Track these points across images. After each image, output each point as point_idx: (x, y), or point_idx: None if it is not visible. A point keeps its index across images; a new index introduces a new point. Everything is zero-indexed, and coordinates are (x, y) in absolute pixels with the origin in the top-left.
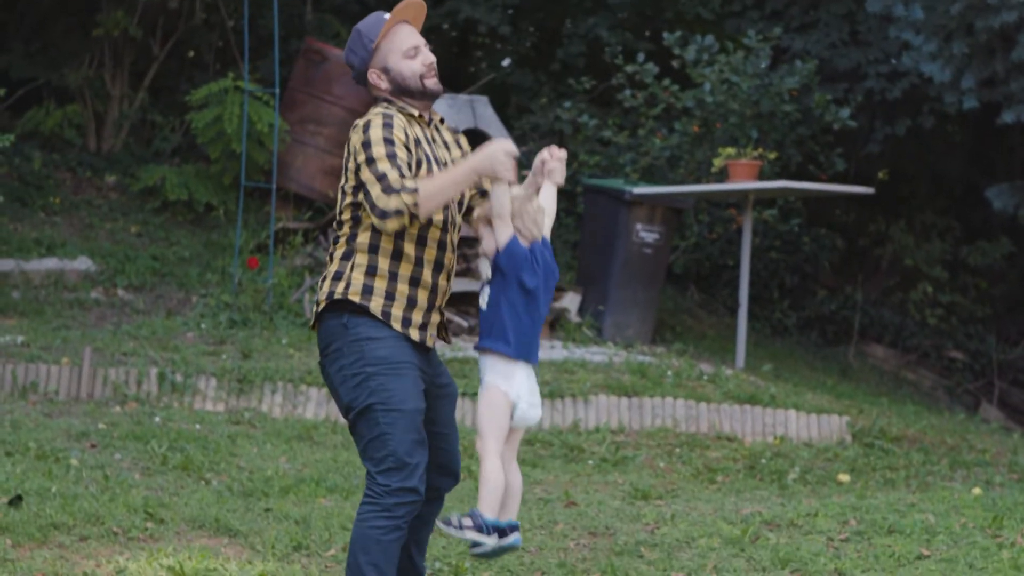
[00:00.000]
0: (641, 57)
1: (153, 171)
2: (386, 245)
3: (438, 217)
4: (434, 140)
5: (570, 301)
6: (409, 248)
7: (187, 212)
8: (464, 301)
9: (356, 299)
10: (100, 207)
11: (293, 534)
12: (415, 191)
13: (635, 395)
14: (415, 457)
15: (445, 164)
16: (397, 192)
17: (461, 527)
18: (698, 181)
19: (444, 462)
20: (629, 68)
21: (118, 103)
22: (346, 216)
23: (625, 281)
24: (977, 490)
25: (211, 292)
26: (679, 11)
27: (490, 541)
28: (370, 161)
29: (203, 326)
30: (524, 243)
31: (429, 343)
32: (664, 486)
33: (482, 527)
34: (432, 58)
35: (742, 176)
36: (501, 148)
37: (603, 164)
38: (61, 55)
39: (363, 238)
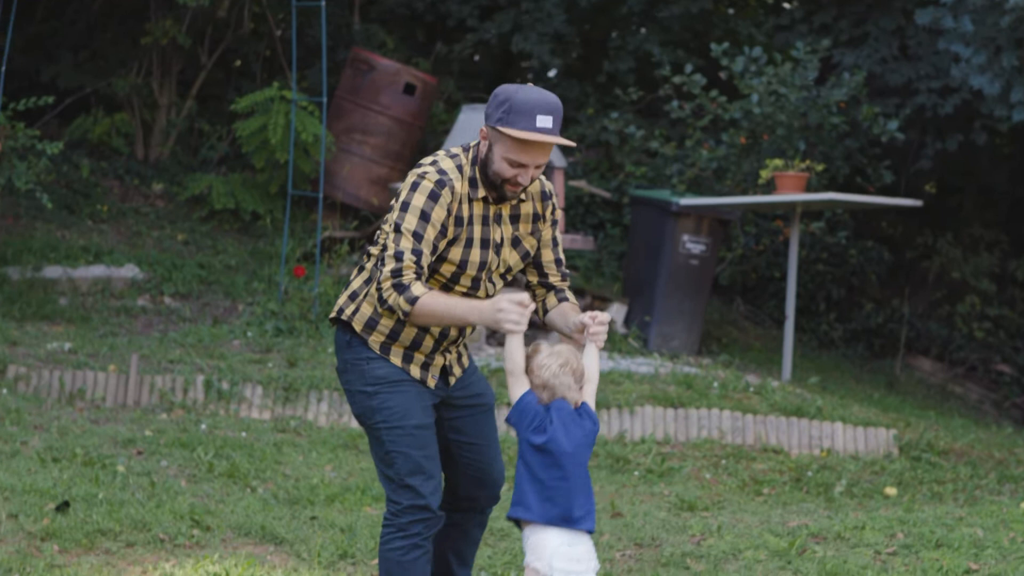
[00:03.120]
0: (689, 68)
1: (200, 180)
2: None
3: (460, 287)
4: (499, 217)
5: (616, 312)
6: None
7: (234, 221)
8: None
9: (358, 328)
10: (147, 215)
11: (339, 542)
12: (414, 301)
13: (681, 406)
14: (423, 474)
15: (501, 243)
16: (400, 290)
17: None
18: (745, 193)
19: (476, 474)
20: (676, 79)
21: (165, 111)
22: (381, 242)
23: (671, 292)
24: None
25: (257, 300)
26: (730, 28)
27: None
28: (397, 227)
29: (249, 334)
30: (543, 398)
31: (429, 384)
32: (710, 498)
33: None
34: (526, 184)
35: (789, 188)
36: (509, 301)
37: (650, 175)
38: (109, 63)
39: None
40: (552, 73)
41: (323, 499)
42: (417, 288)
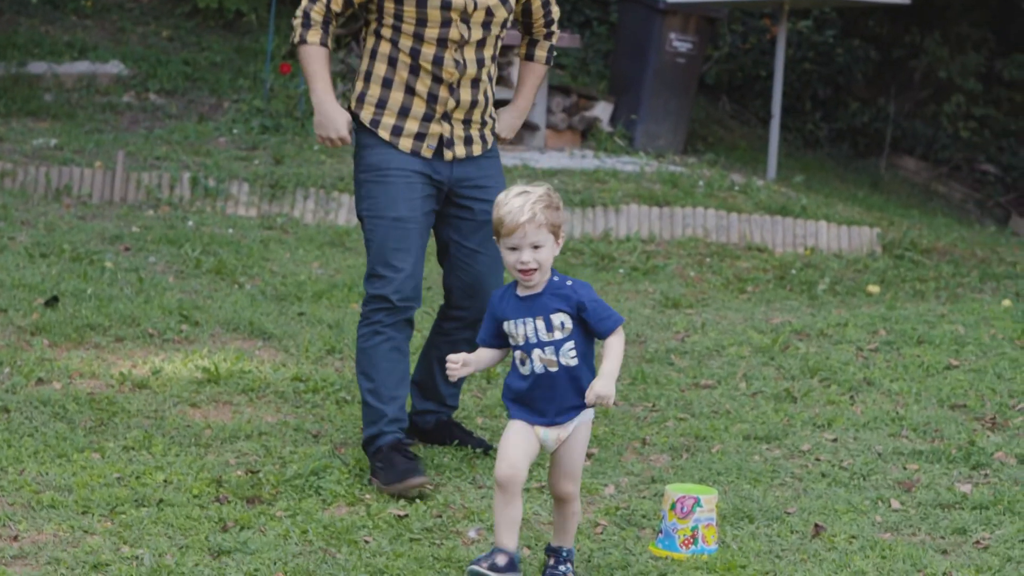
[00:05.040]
0: None
1: None
2: (383, 50)
3: (431, 32)
4: None
5: (602, 111)
6: (404, 56)
7: (218, 17)
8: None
9: (353, 105)
10: (131, 11)
11: (326, 338)
12: (303, 41)
13: (666, 205)
14: (391, 266)
15: (466, 8)
16: (303, 23)
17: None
18: None
19: (470, 281)
20: None
21: None
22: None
23: (657, 91)
24: (1007, 302)
25: (243, 98)
26: None
27: None
28: None
29: (235, 131)
30: None
31: (425, 154)
32: (694, 295)
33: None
34: None
35: None
36: (336, 130)
37: None
38: None
39: (369, 42)
40: None
41: (310, 295)
42: (312, 34)
